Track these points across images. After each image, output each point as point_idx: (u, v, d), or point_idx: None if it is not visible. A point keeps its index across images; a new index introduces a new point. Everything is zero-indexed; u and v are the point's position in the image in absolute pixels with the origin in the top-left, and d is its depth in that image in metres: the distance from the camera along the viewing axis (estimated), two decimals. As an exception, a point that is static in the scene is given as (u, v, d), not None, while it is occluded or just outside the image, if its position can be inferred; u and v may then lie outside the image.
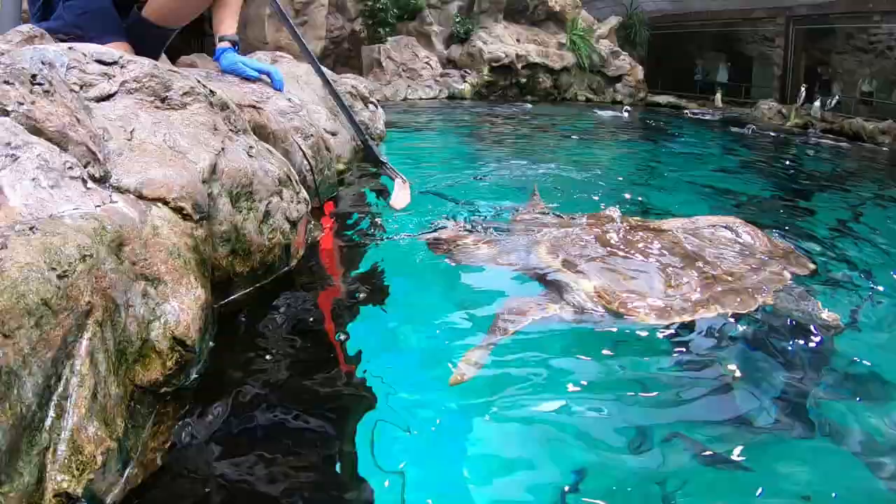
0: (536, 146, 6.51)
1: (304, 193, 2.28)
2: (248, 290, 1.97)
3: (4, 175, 1.17)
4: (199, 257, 1.60)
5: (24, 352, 0.97)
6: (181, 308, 1.42)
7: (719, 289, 2.09)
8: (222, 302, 1.85)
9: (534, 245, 2.41)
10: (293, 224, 2.15)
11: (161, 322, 1.37)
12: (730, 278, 2.15)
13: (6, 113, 1.29)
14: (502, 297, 2.11)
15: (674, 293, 2.06)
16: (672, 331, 1.94)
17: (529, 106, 11.02)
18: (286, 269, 2.16)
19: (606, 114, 10.58)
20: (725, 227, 2.48)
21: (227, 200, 1.82)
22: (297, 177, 2.29)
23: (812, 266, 2.40)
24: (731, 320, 1.99)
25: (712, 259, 2.26)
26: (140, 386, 1.30)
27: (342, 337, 1.88)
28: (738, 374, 1.78)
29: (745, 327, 1.99)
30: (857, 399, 1.73)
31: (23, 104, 1.33)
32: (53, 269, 1.06)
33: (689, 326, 1.96)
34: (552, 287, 2.13)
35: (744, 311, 2.02)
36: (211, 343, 1.62)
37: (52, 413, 1.04)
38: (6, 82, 1.34)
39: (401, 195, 2.78)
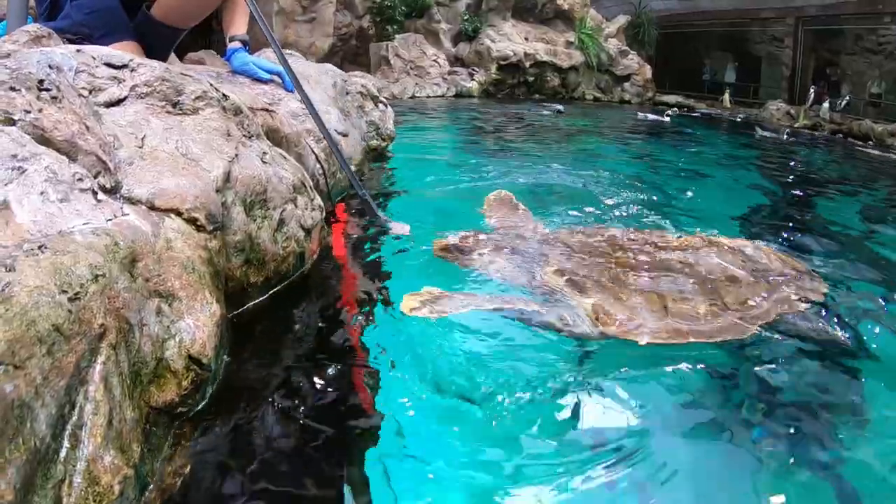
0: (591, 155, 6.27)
1: (318, 200, 2.21)
2: (261, 298, 1.91)
3: (11, 189, 1.10)
4: (213, 270, 1.53)
5: (37, 382, 0.90)
6: (196, 325, 1.35)
7: (727, 314, 2.02)
8: (236, 312, 1.79)
9: (542, 261, 2.35)
10: (308, 231, 2.08)
11: (176, 340, 1.31)
12: (738, 304, 2.08)
13: (12, 122, 1.23)
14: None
15: (680, 317, 1.99)
16: (673, 355, 1.86)
17: (561, 108, 10.39)
18: (300, 276, 2.10)
19: (649, 117, 10.38)
20: (738, 250, 2.39)
21: (241, 209, 1.76)
22: (310, 183, 2.23)
23: (825, 289, 2.30)
24: (737, 347, 1.92)
25: (722, 283, 2.18)
26: (155, 408, 1.25)
27: (358, 346, 1.83)
28: (738, 404, 1.71)
29: (751, 355, 1.90)
30: (870, 432, 1.65)
31: (30, 112, 1.26)
32: (64, 291, 0.99)
33: (692, 351, 1.88)
34: (555, 304, 2.08)
35: (751, 338, 1.94)
36: (226, 357, 1.56)
37: (66, 444, 0.98)
38: (12, 88, 1.27)
39: (399, 225, 2.72)
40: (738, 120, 11.28)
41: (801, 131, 10.74)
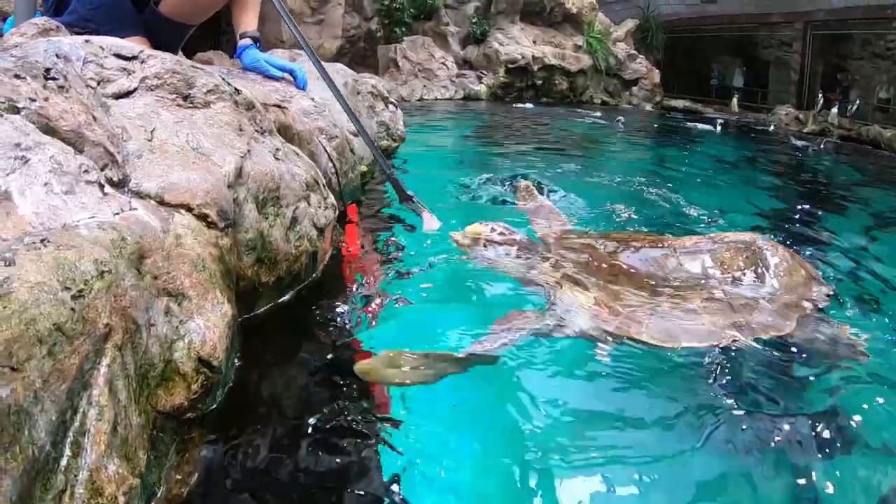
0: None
1: (331, 198, 2.15)
2: (273, 299, 1.84)
3: (14, 179, 1.04)
4: (224, 268, 1.47)
5: (36, 386, 0.84)
6: (207, 326, 1.29)
7: (726, 312, 1.96)
8: (247, 316, 1.72)
9: (540, 260, 2.32)
10: (321, 231, 2.02)
11: (185, 342, 1.24)
12: (740, 302, 2.01)
13: (17, 110, 1.16)
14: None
15: (677, 315, 1.94)
16: (668, 355, 1.82)
17: (621, 119, 9.73)
18: (312, 277, 2.04)
19: (699, 126, 10.26)
20: (745, 247, 2.27)
21: (253, 206, 1.69)
22: (324, 181, 2.16)
23: (832, 293, 2.19)
24: (734, 347, 1.85)
25: (724, 281, 2.10)
26: (163, 412, 1.18)
27: (372, 349, 1.76)
28: (733, 404, 1.64)
29: (747, 355, 1.84)
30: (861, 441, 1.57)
31: (35, 100, 1.20)
32: (68, 288, 0.92)
33: (687, 351, 1.83)
34: (553, 303, 2.03)
35: (750, 339, 1.87)
36: (237, 361, 1.50)
37: (68, 451, 0.91)
38: (17, 76, 1.21)
39: (431, 221, 2.69)
40: (771, 130, 11.19)
41: (849, 142, 10.59)
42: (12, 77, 1.22)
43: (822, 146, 9.00)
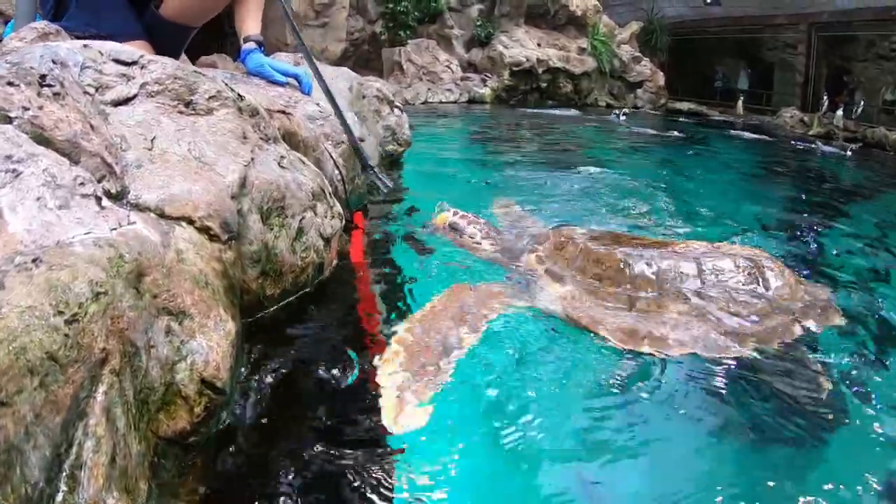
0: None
1: (338, 207, 2.08)
2: (276, 309, 1.78)
3: (4, 194, 0.97)
4: (227, 283, 1.41)
5: (27, 420, 0.78)
6: (210, 346, 1.22)
7: (705, 325, 1.91)
8: (250, 319, 1.66)
9: (526, 252, 2.39)
10: (327, 241, 1.96)
11: (187, 363, 1.18)
12: (723, 318, 1.95)
13: (9, 120, 1.10)
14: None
15: (653, 321, 1.91)
16: (635, 359, 1.80)
17: (625, 111, 9.46)
18: (318, 285, 1.98)
19: (742, 135, 10.23)
20: (746, 261, 2.18)
21: (257, 217, 1.63)
22: (330, 189, 2.10)
23: (841, 321, 2.07)
24: (707, 362, 1.80)
25: (711, 294, 2.04)
26: (164, 438, 1.12)
27: (380, 361, 1.71)
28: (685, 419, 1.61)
29: (718, 372, 1.78)
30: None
31: (28, 109, 1.14)
32: (61, 312, 0.86)
33: (654, 358, 1.80)
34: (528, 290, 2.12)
35: (722, 356, 1.82)
36: (243, 372, 1.44)
37: (63, 487, 0.85)
38: (10, 83, 1.15)
39: (388, 184, 2.78)
40: (799, 134, 11.13)
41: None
42: (5, 84, 1.16)
43: (849, 153, 8.83)
